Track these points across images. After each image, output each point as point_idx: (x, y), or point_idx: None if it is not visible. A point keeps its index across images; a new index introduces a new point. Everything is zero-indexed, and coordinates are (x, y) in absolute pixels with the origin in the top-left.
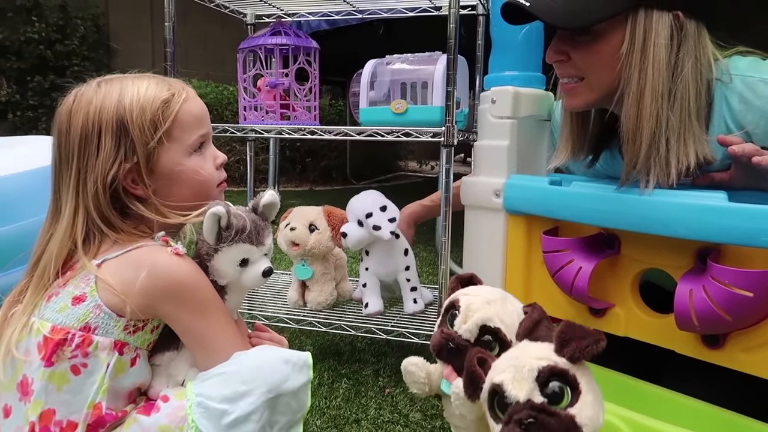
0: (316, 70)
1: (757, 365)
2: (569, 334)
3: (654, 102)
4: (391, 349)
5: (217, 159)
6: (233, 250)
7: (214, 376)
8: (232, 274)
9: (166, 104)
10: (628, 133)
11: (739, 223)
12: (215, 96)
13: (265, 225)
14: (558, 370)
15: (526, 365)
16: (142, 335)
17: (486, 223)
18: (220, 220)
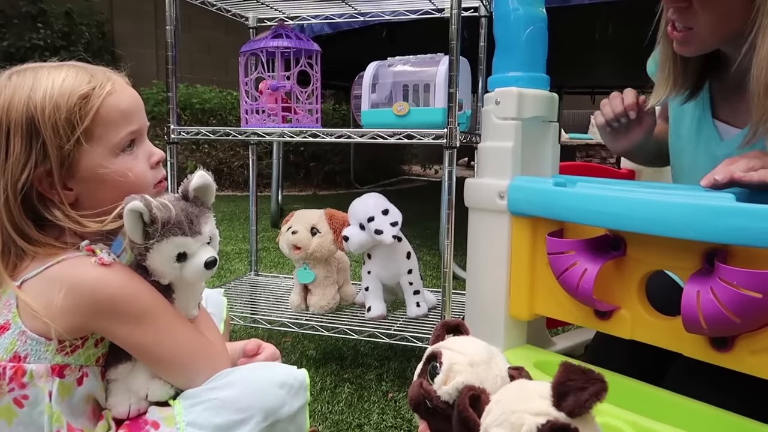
0: (317, 72)
1: (765, 368)
2: (567, 385)
3: None
4: (394, 354)
5: (153, 157)
6: (165, 246)
7: (204, 401)
8: (170, 272)
9: (84, 99)
10: (759, 86)
11: (747, 224)
12: (219, 101)
13: (200, 211)
14: (558, 426)
15: (524, 424)
16: (84, 352)
17: (490, 225)
18: (142, 215)
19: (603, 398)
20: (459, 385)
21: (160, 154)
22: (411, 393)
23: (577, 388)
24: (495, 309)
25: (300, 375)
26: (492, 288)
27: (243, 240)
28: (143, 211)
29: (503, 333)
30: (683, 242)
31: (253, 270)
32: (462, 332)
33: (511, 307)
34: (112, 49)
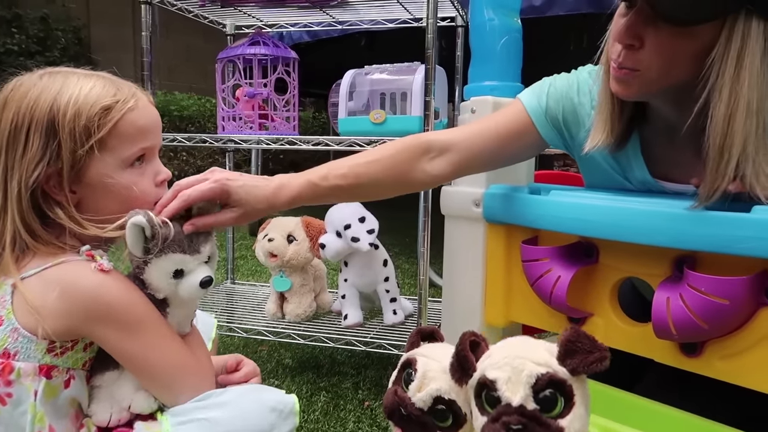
0: (295, 80)
1: (734, 373)
2: (576, 345)
3: (747, 120)
4: (371, 362)
5: (159, 176)
6: (164, 262)
7: (194, 420)
8: (166, 288)
9: (106, 111)
10: (715, 150)
11: (715, 231)
12: (197, 108)
13: (198, 238)
14: (557, 379)
15: (525, 369)
16: (73, 355)
17: (466, 232)
18: (144, 230)
19: (606, 366)
20: (433, 392)
21: (167, 174)
22: (385, 400)
23: (584, 350)
24: (471, 316)
25: (290, 401)
26: (468, 295)
27: (221, 248)
28: (145, 227)
29: None
30: (654, 249)
31: (229, 278)
32: (437, 339)
33: (487, 314)
34: (89, 55)
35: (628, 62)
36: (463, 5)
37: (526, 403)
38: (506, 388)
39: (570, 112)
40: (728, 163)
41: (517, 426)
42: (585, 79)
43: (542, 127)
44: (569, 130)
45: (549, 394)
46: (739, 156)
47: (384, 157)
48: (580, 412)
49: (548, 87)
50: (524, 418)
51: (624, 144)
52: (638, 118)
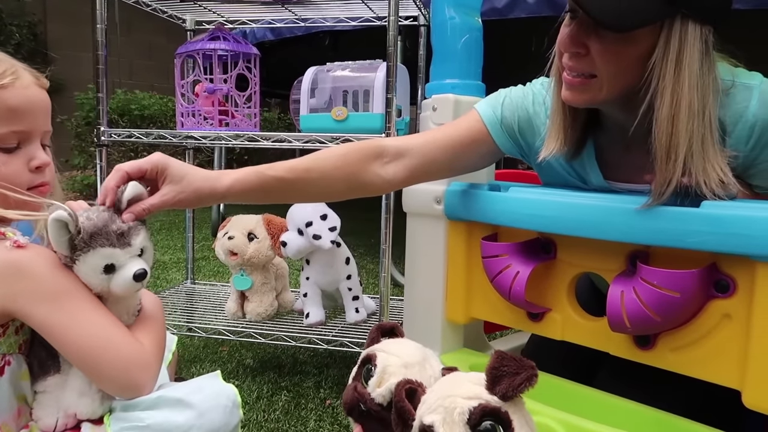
0: (256, 76)
1: (684, 364)
2: (501, 371)
3: (690, 120)
4: (333, 361)
5: (33, 161)
6: (92, 257)
7: (136, 428)
8: (98, 284)
9: None
10: (661, 151)
11: (666, 225)
12: (159, 107)
13: (132, 223)
14: (490, 409)
15: (457, 407)
16: (6, 340)
17: (427, 229)
18: (67, 225)
19: (534, 384)
20: (392, 386)
21: (43, 160)
22: (345, 397)
23: (510, 373)
24: (432, 313)
25: (232, 393)
26: (429, 292)
27: (181, 249)
28: (68, 221)
29: (440, 337)
30: (608, 245)
31: (189, 278)
32: (397, 335)
33: (448, 311)
34: (45, 52)
35: (580, 66)
36: (426, 4)
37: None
38: (443, 430)
39: (525, 122)
40: (675, 162)
41: None
42: (539, 90)
43: (498, 137)
44: (525, 139)
45: (486, 425)
46: (686, 155)
47: (334, 156)
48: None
49: (503, 98)
50: None
51: (579, 151)
52: (592, 125)
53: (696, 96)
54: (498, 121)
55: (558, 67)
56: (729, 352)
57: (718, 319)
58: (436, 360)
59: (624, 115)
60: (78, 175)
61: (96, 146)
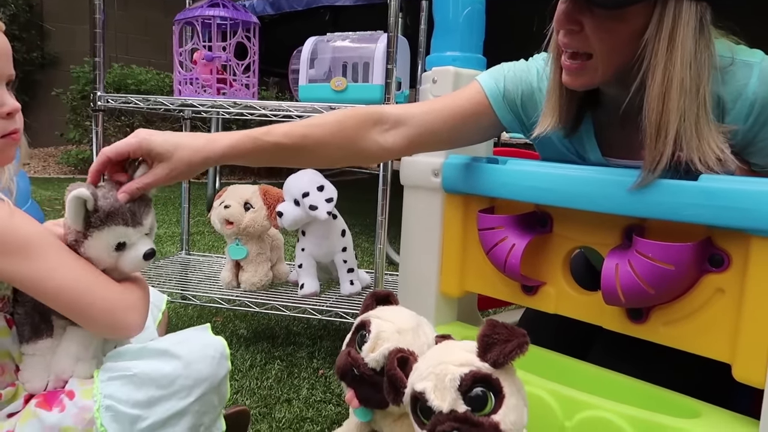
0: (255, 45)
1: (676, 338)
2: (492, 338)
3: (681, 97)
4: (327, 333)
5: (3, 107)
6: (106, 235)
7: (123, 377)
8: (107, 260)
9: None
10: (651, 128)
11: (663, 198)
12: (156, 83)
13: (142, 203)
14: (480, 376)
15: (448, 374)
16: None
17: (424, 202)
18: (86, 203)
19: (525, 351)
20: (386, 351)
21: (14, 106)
22: (338, 362)
23: (501, 340)
24: (427, 285)
25: (220, 344)
26: (424, 265)
27: (176, 224)
28: (88, 199)
29: (434, 309)
30: (605, 218)
31: (184, 249)
32: (391, 302)
33: (442, 284)
34: (41, 24)
35: (575, 44)
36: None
37: (456, 406)
38: (434, 397)
39: (528, 96)
40: (665, 140)
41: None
42: (542, 65)
43: (499, 110)
44: (527, 113)
45: (477, 392)
46: (677, 133)
47: (330, 122)
48: (512, 403)
49: (506, 71)
50: (457, 423)
51: (577, 128)
52: (591, 102)
53: (688, 74)
54: (500, 94)
55: (555, 45)
56: (721, 326)
57: (711, 293)
58: (430, 327)
59: (620, 92)
60: (73, 150)
61: (92, 111)
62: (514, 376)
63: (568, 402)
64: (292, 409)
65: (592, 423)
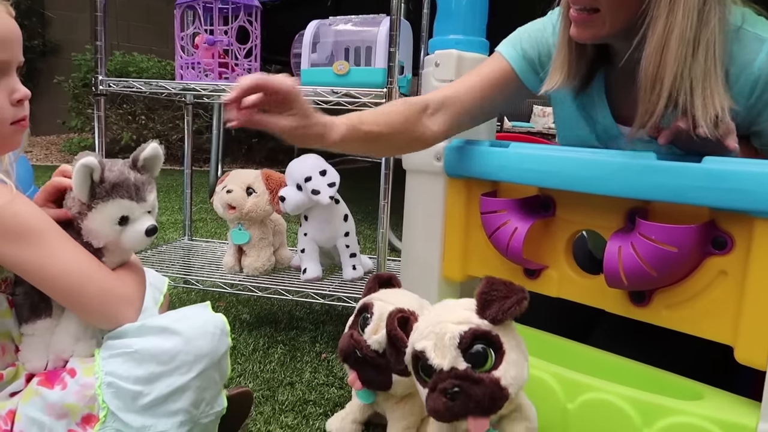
0: (257, 29)
1: (678, 321)
2: (491, 295)
3: (680, 48)
4: (329, 318)
5: (15, 94)
6: (110, 207)
7: (123, 354)
8: (109, 234)
9: None
10: (647, 80)
11: (666, 180)
12: (158, 71)
13: (146, 180)
14: (480, 333)
15: (448, 332)
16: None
17: (426, 187)
18: (92, 173)
19: (524, 307)
20: None
21: (25, 93)
22: (341, 344)
23: (500, 297)
24: (429, 270)
25: (220, 320)
26: (426, 249)
27: (179, 211)
28: (96, 168)
29: (436, 294)
30: (608, 201)
31: (187, 235)
32: (394, 285)
33: (445, 269)
34: (42, 11)
35: (583, 2)
36: None
37: (457, 364)
38: (435, 355)
39: (546, 54)
40: (660, 93)
41: (454, 389)
42: (556, 21)
43: (522, 73)
44: (546, 71)
45: (477, 348)
46: (671, 85)
47: (395, 111)
48: (513, 358)
49: (523, 35)
50: (457, 380)
51: (587, 86)
52: (602, 60)
53: (689, 26)
54: (521, 57)
55: (565, 1)
56: (723, 308)
57: (714, 275)
58: (432, 308)
59: (626, 48)
60: (75, 137)
61: (94, 96)
62: (514, 332)
63: (571, 384)
64: (295, 392)
65: (594, 405)
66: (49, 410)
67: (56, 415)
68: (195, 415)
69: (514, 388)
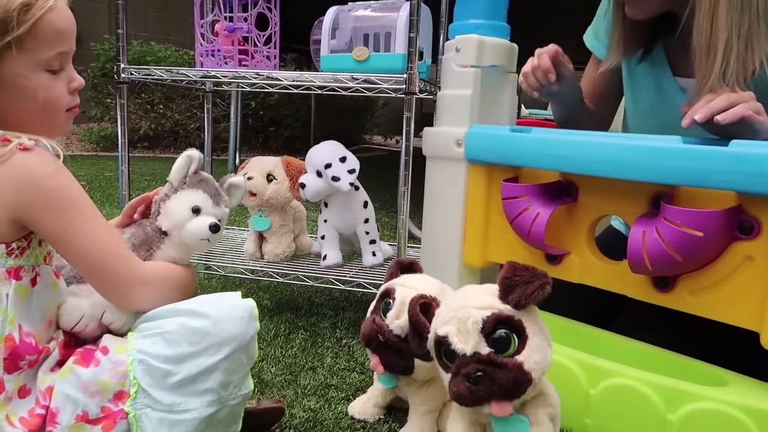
0: (276, 16)
1: (702, 307)
2: (514, 280)
3: (729, 15)
4: (349, 304)
5: (73, 82)
6: (192, 194)
7: (155, 334)
8: (181, 217)
9: (25, 8)
10: (701, 49)
11: (692, 164)
12: (175, 60)
13: (225, 199)
14: (503, 317)
15: (470, 317)
16: (32, 252)
17: (447, 173)
18: (191, 163)
19: (547, 292)
20: None
21: (81, 82)
22: (363, 329)
23: (522, 282)
24: (449, 256)
25: (248, 305)
26: (447, 235)
27: None
28: (194, 160)
29: (457, 280)
30: (632, 187)
31: None
32: (415, 270)
33: (465, 255)
34: None
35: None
36: None
37: (480, 349)
38: (458, 340)
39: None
40: (715, 59)
41: (477, 374)
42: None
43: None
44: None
45: (501, 333)
46: (724, 51)
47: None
48: (536, 343)
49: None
50: (481, 365)
51: (648, 53)
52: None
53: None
54: (602, 46)
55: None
56: (749, 293)
57: (740, 260)
58: (453, 292)
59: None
60: (95, 127)
61: (116, 84)
62: (537, 317)
63: (593, 370)
64: (317, 377)
65: (617, 390)
66: (83, 388)
67: (89, 393)
68: (223, 396)
69: (538, 372)
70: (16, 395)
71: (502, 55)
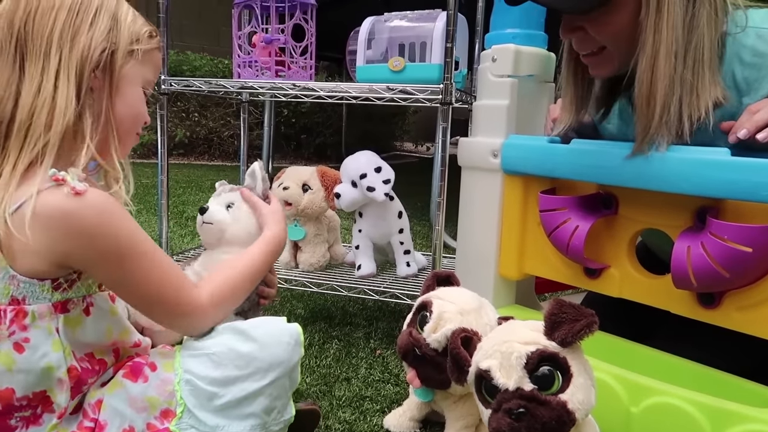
0: (312, 27)
1: (751, 324)
2: (560, 317)
3: (668, 63)
4: (382, 314)
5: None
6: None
7: (203, 354)
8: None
9: (151, 36)
10: (641, 98)
11: (741, 177)
12: (210, 69)
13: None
14: (547, 354)
15: (514, 352)
16: (83, 283)
17: (483, 184)
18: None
19: (594, 331)
20: (448, 332)
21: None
22: (400, 341)
23: (569, 319)
24: (485, 268)
25: (295, 330)
26: (482, 247)
27: None
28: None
29: (492, 292)
30: (675, 199)
31: None
32: (452, 283)
33: (501, 267)
34: None
35: (585, 46)
36: None
37: (523, 384)
38: (500, 375)
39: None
40: (654, 109)
41: (519, 410)
42: None
43: None
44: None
45: (544, 371)
46: (665, 100)
47: None
48: (580, 382)
49: None
50: (523, 401)
51: (609, 113)
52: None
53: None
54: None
55: (568, 48)
56: None
57: None
58: (492, 309)
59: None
60: None
61: (158, 95)
62: (582, 356)
63: (635, 387)
64: (352, 388)
65: (660, 409)
66: (131, 402)
67: (137, 408)
68: (266, 422)
69: (582, 413)
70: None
71: (538, 64)
